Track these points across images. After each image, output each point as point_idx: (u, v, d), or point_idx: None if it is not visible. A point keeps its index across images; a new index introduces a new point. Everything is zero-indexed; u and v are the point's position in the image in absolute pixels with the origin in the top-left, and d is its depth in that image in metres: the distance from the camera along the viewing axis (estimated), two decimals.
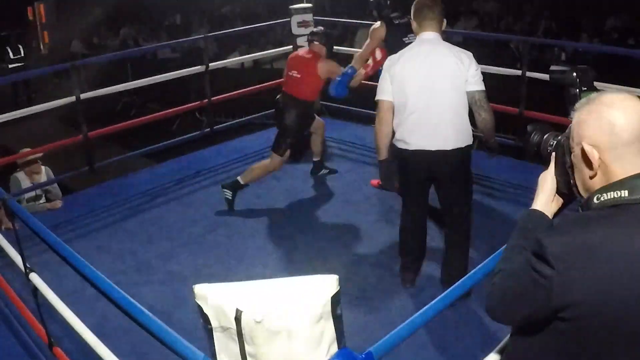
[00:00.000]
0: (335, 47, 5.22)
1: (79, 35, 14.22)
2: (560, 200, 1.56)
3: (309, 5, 6.24)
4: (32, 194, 5.19)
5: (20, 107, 6.07)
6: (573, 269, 1.24)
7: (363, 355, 1.55)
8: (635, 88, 4.99)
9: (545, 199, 1.54)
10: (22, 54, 11.75)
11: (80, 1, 14.52)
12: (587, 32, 9.92)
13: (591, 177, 1.33)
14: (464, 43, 10.30)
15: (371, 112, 6.58)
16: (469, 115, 3.43)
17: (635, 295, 1.22)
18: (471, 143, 3.47)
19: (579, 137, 1.34)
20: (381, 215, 4.69)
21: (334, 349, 1.43)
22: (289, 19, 6.30)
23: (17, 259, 2.90)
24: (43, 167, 5.29)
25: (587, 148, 1.31)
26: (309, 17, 6.20)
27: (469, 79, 3.31)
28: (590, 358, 1.30)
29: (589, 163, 1.32)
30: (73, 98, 5.06)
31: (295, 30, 6.26)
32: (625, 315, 1.23)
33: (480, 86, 3.35)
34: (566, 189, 1.48)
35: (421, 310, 1.79)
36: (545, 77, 5.35)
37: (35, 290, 2.79)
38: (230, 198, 4.78)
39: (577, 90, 2.53)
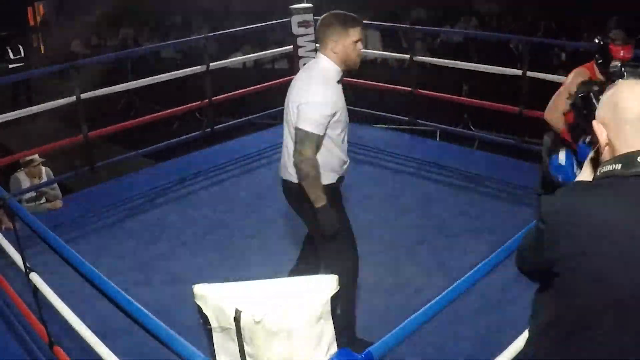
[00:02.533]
0: None
1: (79, 35, 14.23)
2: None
3: (309, 5, 6.24)
4: (33, 194, 5.20)
5: (21, 107, 6.07)
6: (557, 225, 1.39)
7: (362, 355, 1.55)
8: None
9: (588, 173, 1.61)
10: (22, 54, 11.75)
11: (80, 1, 14.52)
12: (587, 32, 9.91)
13: (602, 152, 1.45)
14: (464, 43, 10.36)
15: (371, 112, 6.62)
16: None
17: (612, 263, 1.33)
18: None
19: (597, 116, 1.47)
20: (381, 215, 4.69)
21: (334, 348, 1.43)
22: (289, 19, 6.30)
23: (17, 259, 2.90)
24: (43, 168, 5.30)
25: (595, 124, 1.44)
26: (309, 17, 6.20)
27: (296, 112, 2.87)
28: (582, 326, 1.41)
29: (597, 139, 1.45)
30: (73, 98, 5.06)
31: (296, 30, 6.26)
32: (607, 281, 1.35)
33: (302, 124, 2.82)
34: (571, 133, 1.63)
35: (420, 310, 1.79)
36: (546, 77, 5.39)
37: (35, 290, 2.80)
38: None
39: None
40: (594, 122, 1.45)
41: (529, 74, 5.22)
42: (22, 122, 7.43)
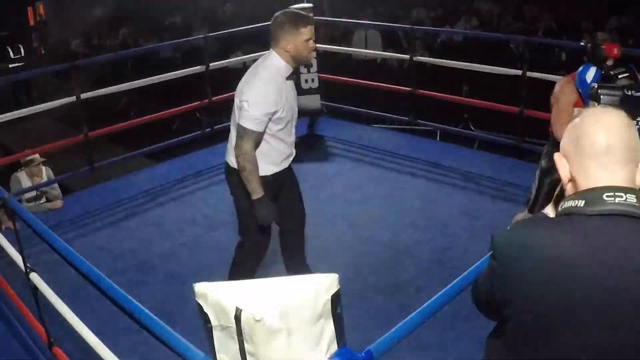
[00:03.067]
0: (334, 47, 5.18)
1: (79, 35, 14.23)
2: None
3: (309, 5, 6.24)
4: (33, 193, 5.20)
5: (21, 107, 6.08)
6: (508, 263, 1.28)
7: (362, 354, 1.55)
8: None
9: (551, 208, 1.49)
10: (22, 54, 11.76)
11: (80, 1, 14.52)
12: (587, 32, 9.91)
13: (565, 188, 1.34)
14: (464, 43, 10.35)
15: (371, 112, 6.62)
16: None
17: (562, 313, 1.20)
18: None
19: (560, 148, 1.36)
20: (381, 215, 4.69)
21: (334, 347, 1.43)
22: None
23: (18, 258, 2.91)
24: (43, 168, 5.30)
25: (556, 158, 1.33)
26: None
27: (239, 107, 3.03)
28: None
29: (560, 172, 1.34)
30: (73, 98, 5.06)
31: None
32: (556, 337, 1.22)
33: (242, 121, 2.98)
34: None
35: (419, 309, 1.79)
36: (546, 77, 5.39)
37: (35, 290, 2.80)
38: None
39: None
40: (556, 156, 1.33)
41: (529, 74, 5.21)
42: (22, 122, 7.43)
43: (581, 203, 1.24)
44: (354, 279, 3.82)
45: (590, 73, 3.44)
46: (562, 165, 1.31)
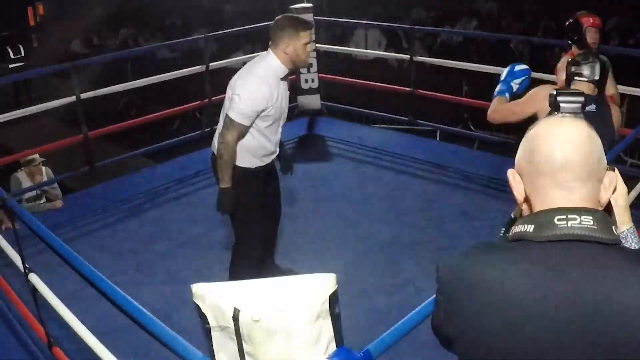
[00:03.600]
0: (334, 47, 5.20)
1: (79, 35, 14.23)
2: None
3: (309, 5, 6.24)
4: (33, 193, 5.20)
5: (21, 107, 6.08)
6: (452, 295, 1.16)
7: (361, 354, 1.55)
8: (635, 88, 5.00)
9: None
10: (22, 54, 11.76)
11: (80, 1, 14.53)
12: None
13: (520, 207, 1.19)
14: (464, 43, 10.36)
15: (371, 112, 6.62)
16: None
17: (509, 348, 1.08)
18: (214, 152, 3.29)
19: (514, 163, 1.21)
20: (381, 215, 4.69)
21: (332, 347, 1.43)
22: None
23: (17, 259, 2.91)
24: (43, 167, 5.30)
25: (510, 174, 1.18)
26: (309, 17, 6.20)
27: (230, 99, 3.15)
28: None
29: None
30: (73, 98, 5.06)
31: None
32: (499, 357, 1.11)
33: (231, 113, 3.11)
34: None
35: (418, 308, 1.79)
36: (545, 77, 5.38)
37: (34, 290, 2.80)
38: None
39: None
40: (509, 172, 1.18)
41: None
42: (22, 122, 7.43)
43: (530, 228, 1.10)
44: (353, 279, 3.82)
45: (521, 66, 3.62)
46: (517, 183, 1.16)
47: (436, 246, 4.24)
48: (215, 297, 1.38)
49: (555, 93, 1.21)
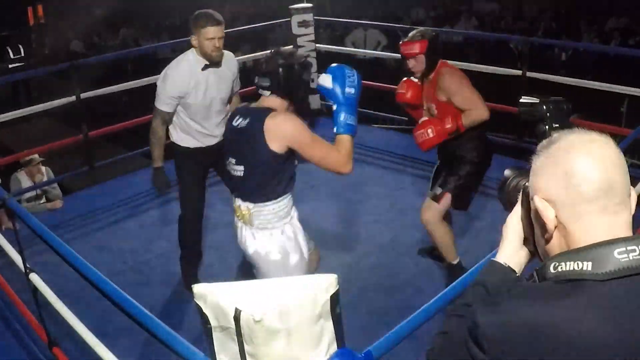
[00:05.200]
0: (333, 47, 5.18)
1: (79, 35, 14.23)
2: (530, 249, 1.27)
3: (309, 5, 6.24)
4: (33, 193, 5.20)
5: (21, 107, 6.07)
6: (511, 357, 0.96)
7: (362, 355, 1.55)
8: (635, 88, 5.00)
9: (512, 248, 1.26)
10: (22, 54, 11.74)
11: (80, 1, 14.52)
12: (587, 32, 9.92)
13: (547, 240, 1.06)
14: (464, 43, 10.34)
15: (371, 112, 6.61)
16: None
17: None
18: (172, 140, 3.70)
19: (533, 188, 1.08)
20: (381, 215, 4.69)
21: (333, 348, 1.43)
22: (289, 19, 6.30)
23: (17, 259, 2.91)
24: (43, 167, 5.30)
25: (539, 204, 1.04)
26: (309, 17, 6.20)
27: None
28: None
29: (542, 223, 1.06)
30: (73, 98, 5.06)
31: (296, 30, 6.26)
32: None
33: (155, 99, 3.52)
34: (530, 244, 1.22)
35: (420, 310, 1.79)
36: (546, 77, 5.39)
37: (35, 290, 2.79)
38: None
39: (547, 127, 2.09)
40: (537, 200, 1.05)
41: (529, 74, 5.21)
42: (22, 122, 7.44)
43: (588, 265, 0.98)
44: (353, 279, 3.82)
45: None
46: (548, 211, 1.03)
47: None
48: (217, 297, 1.38)
49: (540, 100, 1.13)
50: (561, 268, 1.00)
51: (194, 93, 3.43)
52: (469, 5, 13.03)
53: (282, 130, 2.49)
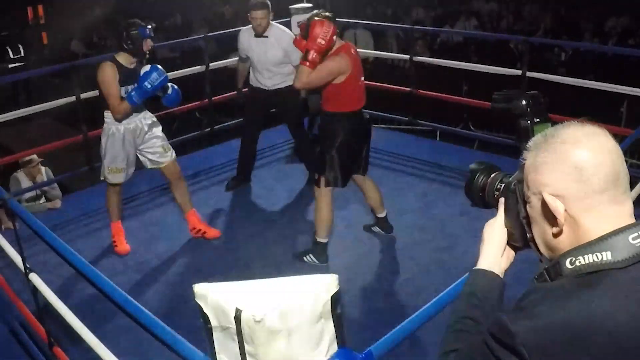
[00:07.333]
0: None
1: (79, 35, 14.22)
2: (512, 254, 1.31)
3: (309, 5, 6.24)
4: (32, 193, 5.20)
5: (21, 107, 6.07)
6: (557, 357, 0.95)
7: (363, 355, 1.55)
8: (635, 88, 5.00)
9: (494, 254, 1.28)
10: (22, 54, 11.74)
11: (80, 1, 14.52)
12: (587, 32, 9.92)
13: (555, 235, 1.06)
14: (463, 43, 10.34)
15: (371, 112, 6.60)
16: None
17: None
18: None
19: (537, 185, 1.07)
20: None
21: (334, 348, 1.43)
22: (289, 19, 6.30)
23: (17, 259, 2.90)
24: (43, 168, 5.29)
25: (550, 199, 1.04)
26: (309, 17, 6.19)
27: None
28: None
29: (551, 218, 1.05)
30: (73, 98, 5.06)
31: (295, 30, 6.25)
32: None
33: None
34: (522, 243, 1.20)
35: (421, 309, 1.79)
36: (546, 77, 5.39)
37: (35, 290, 2.79)
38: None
39: (529, 122, 2.10)
40: (546, 196, 1.04)
41: (529, 74, 5.21)
42: (22, 122, 7.43)
43: (608, 255, 0.99)
44: (354, 279, 3.82)
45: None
46: (558, 207, 1.03)
47: (436, 246, 4.24)
48: (217, 297, 1.38)
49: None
50: (579, 262, 1.01)
51: (249, 52, 4.88)
52: (469, 5, 13.03)
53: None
